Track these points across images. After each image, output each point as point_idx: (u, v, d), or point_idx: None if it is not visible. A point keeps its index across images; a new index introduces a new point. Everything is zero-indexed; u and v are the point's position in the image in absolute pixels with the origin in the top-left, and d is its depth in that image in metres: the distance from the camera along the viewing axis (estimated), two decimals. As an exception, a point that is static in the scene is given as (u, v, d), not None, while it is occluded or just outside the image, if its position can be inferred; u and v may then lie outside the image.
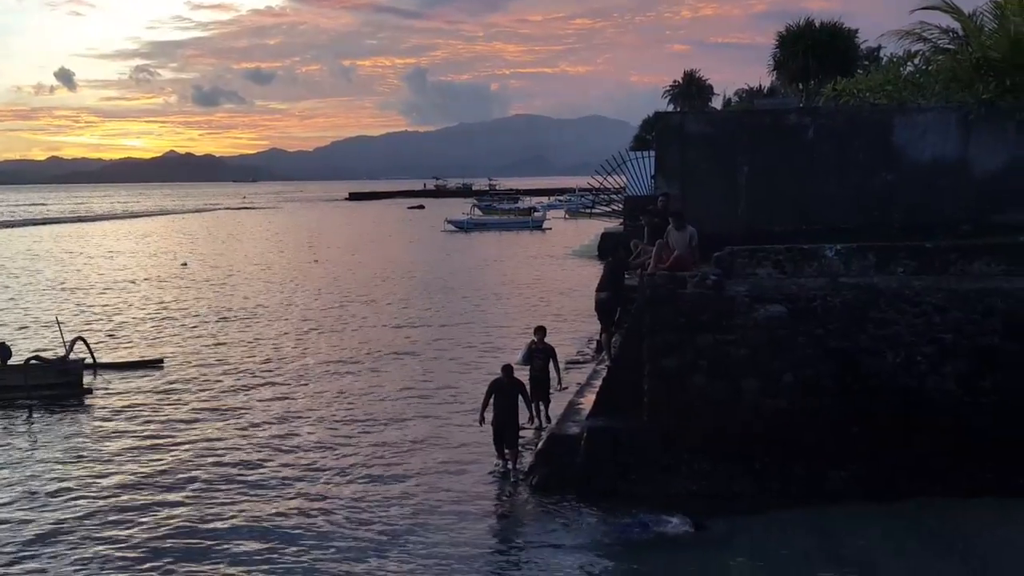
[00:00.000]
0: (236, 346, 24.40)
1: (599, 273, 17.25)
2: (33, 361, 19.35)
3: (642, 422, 11.98)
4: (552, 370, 14.97)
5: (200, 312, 30.94)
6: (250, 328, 27.37)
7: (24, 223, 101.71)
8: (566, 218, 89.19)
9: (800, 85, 39.95)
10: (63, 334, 21.21)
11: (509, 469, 13.28)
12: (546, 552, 10.77)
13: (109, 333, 26.71)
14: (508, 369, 13.58)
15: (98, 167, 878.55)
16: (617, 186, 50.52)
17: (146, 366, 21.83)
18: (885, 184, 15.83)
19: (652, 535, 10.77)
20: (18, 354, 19.88)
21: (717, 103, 69.33)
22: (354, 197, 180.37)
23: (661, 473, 11.70)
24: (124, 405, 18.26)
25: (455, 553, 10.75)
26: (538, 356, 14.77)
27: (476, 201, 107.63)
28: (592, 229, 55.43)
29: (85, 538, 11.53)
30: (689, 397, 11.78)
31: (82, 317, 29.93)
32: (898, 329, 11.58)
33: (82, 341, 20.82)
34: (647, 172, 42.61)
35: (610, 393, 12.79)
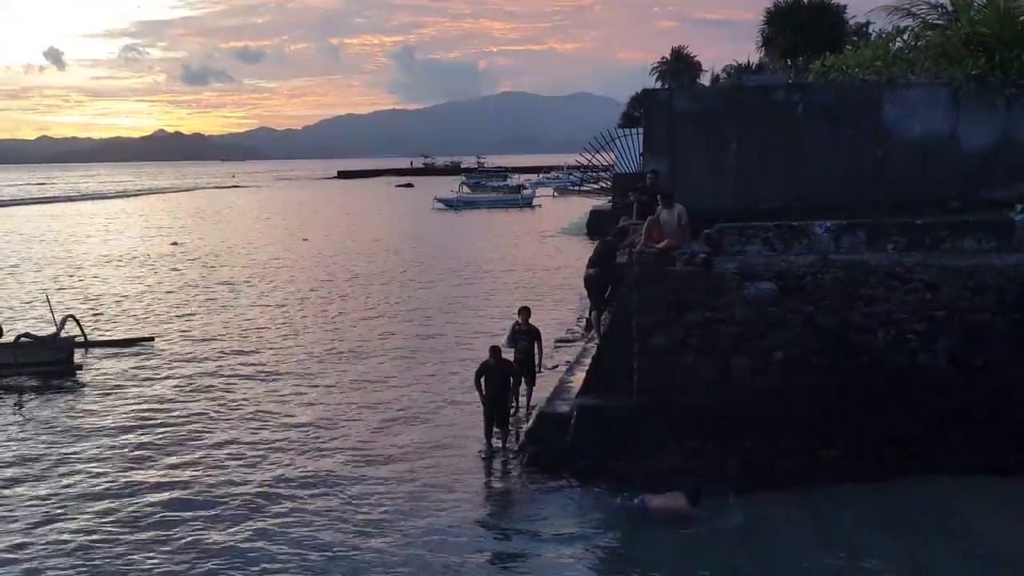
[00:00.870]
0: (226, 323, 24.33)
1: (589, 250, 17.22)
2: (24, 339, 19.26)
3: (632, 400, 12.00)
4: (536, 353, 14.70)
5: (191, 290, 30.85)
6: (240, 305, 27.28)
7: (13, 203, 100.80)
8: (555, 195, 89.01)
9: (789, 61, 39.80)
10: (54, 312, 21.11)
11: (499, 448, 13.29)
12: (536, 530, 10.80)
13: (99, 311, 26.59)
14: (495, 350, 13.51)
15: (88, 146, 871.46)
16: (605, 163, 50.41)
17: (137, 343, 21.78)
18: (874, 160, 15.78)
19: (642, 513, 10.79)
20: (9, 332, 19.78)
21: (705, 80, 69.10)
22: (343, 175, 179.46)
23: (650, 451, 11.72)
24: (115, 382, 18.24)
25: (446, 532, 10.78)
26: (522, 338, 14.53)
27: (465, 179, 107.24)
28: (581, 206, 55.40)
29: (76, 512, 11.53)
30: (678, 375, 11.79)
31: (73, 295, 29.78)
32: (889, 306, 11.61)
33: (73, 319, 20.76)
34: (635, 149, 42.47)
35: (600, 371, 12.80)
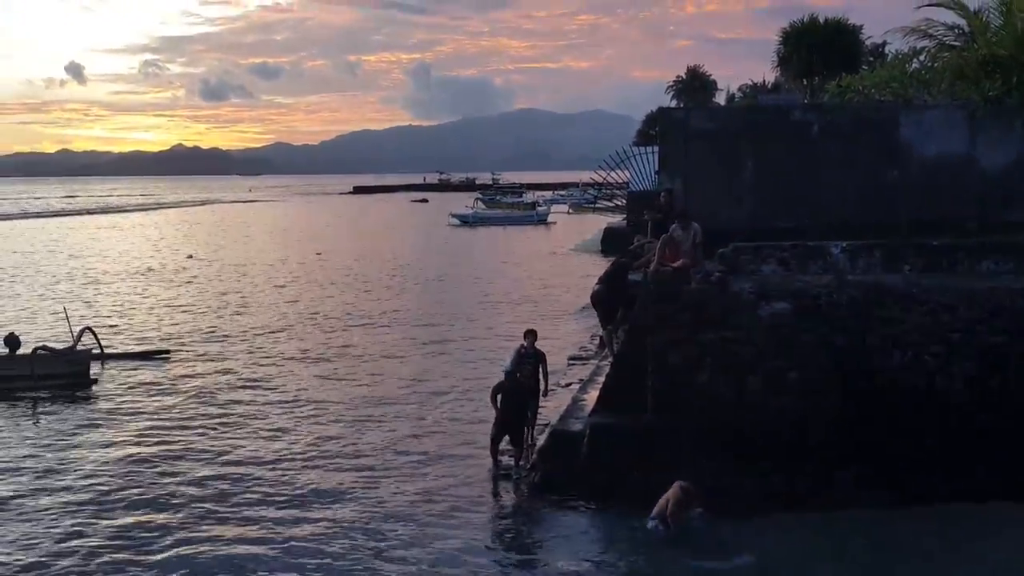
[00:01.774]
0: (241, 337, 24.43)
1: (603, 268, 17.20)
2: (40, 351, 19.39)
3: (646, 419, 11.94)
4: (542, 377, 14.14)
5: (206, 303, 31.02)
6: (255, 319, 27.40)
7: (34, 215, 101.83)
8: (570, 212, 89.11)
9: (804, 81, 39.82)
10: (71, 324, 21.28)
11: (511, 466, 13.22)
12: (548, 551, 10.72)
13: (116, 323, 26.77)
14: (512, 375, 13.36)
15: (107, 160, 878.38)
16: (620, 181, 50.47)
17: (153, 356, 21.87)
18: (891, 181, 15.78)
19: (654, 534, 10.72)
20: (27, 344, 19.95)
21: (721, 99, 69.21)
22: (359, 191, 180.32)
23: (664, 471, 11.65)
24: (131, 395, 18.31)
25: (456, 555, 10.65)
26: (528, 361, 13.94)
27: (480, 195, 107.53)
28: (595, 224, 55.43)
29: (86, 525, 11.56)
30: (693, 395, 11.74)
31: (90, 308, 29.98)
32: (905, 328, 11.51)
33: (90, 331, 20.92)
34: (651, 167, 42.57)
35: (613, 390, 12.76)
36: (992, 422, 11.22)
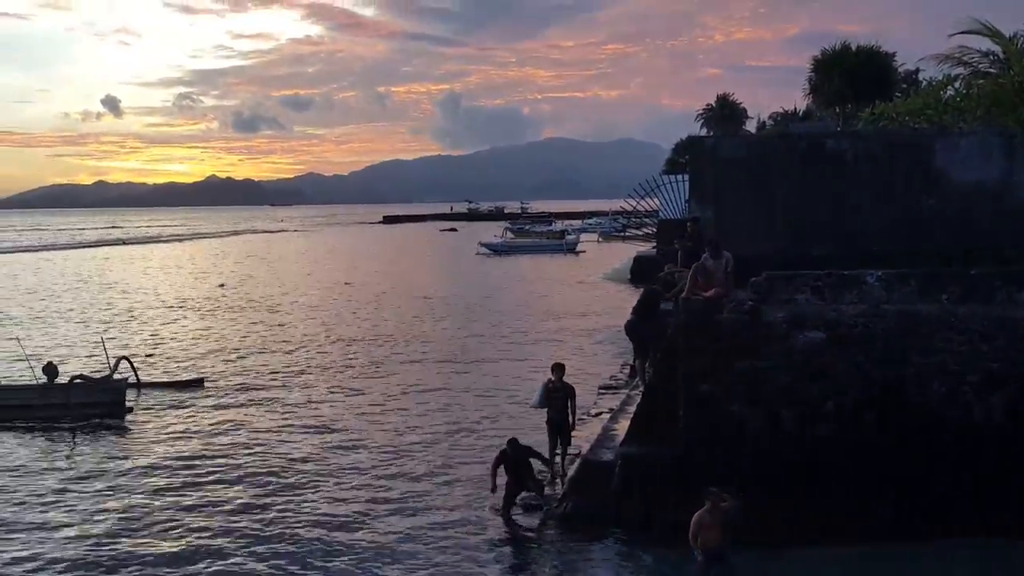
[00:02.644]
0: (271, 366, 24.59)
1: (632, 297, 17.10)
2: (78, 380, 19.64)
3: (678, 450, 11.81)
4: (570, 412, 13.92)
5: (237, 332, 31.31)
6: (284, 348, 27.57)
7: (72, 246, 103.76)
8: (599, 241, 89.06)
9: (837, 109, 39.64)
10: (107, 354, 21.54)
11: (530, 504, 12.83)
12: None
13: (151, 352, 27.09)
14: (513, 442, 12.96)
15: (143, 191, 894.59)
16: (650, 209, 50.36)
17: (188, 386, 22.07)
18: (926, 209, 15.60)
19: (689, 564, 10.56)
20: (65, 374, 20.24)
21: (751, 126, 69.07)
22: (388, 220, 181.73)
23: (697, 503, 11.49)
24: (166, 424, 18.49)
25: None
26: (556, 397, 13.92)
27: (509, 224, 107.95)
28: (625, 252, 55.29)
29: (123, 553, 11.63)
30: (726, 425, 11.59)
31: (126, 337, 30.41)
32: (943, 358, 11.32)
33: (127, 360, 21.19)
34: (681, 196, 42.41)
35: (645, 419, 12.64)
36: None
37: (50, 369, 19.46)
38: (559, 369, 14.15)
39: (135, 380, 21.01)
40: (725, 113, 75.57)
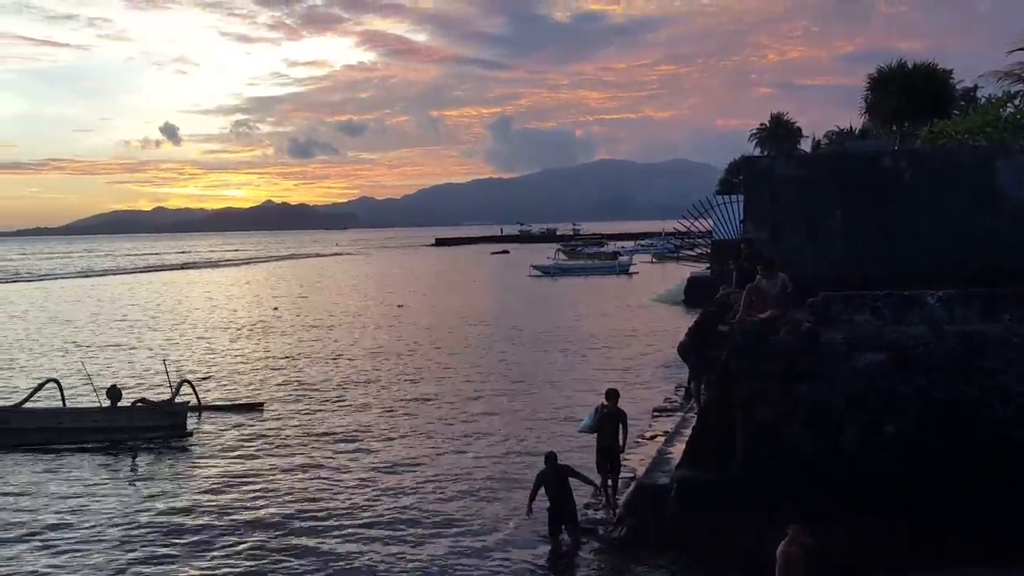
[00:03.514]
0: (328, 390, 24.91)
1: (686, 319, 17.00)
2: (140, 403, 20.16)
3: (735, 473, 11.68)
4: (621, 436, 13.69)
5: (294, 355, 31.77)
6: (340, 372, 27.93)
7: (133, 271, 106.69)
8: (653, 262, 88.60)
9: (894, 127, 39.03)
10: (169, 377, 22.06)
11: (567, 543, 12.60)
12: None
13: (209, 375, 27.65)
14: (551, 457, 12.86)
15: (200, 216, 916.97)
16: (704, 230, 50.01)
17: (248, 409, 22.47)
18: (987, 228, 15.27)
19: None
20: (127, 396, 20.80)
21: (806, 145, 68.32)
22: (440, 243, 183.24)
23: (754, 528, 11.34)
24: (226, 447, 18.83)
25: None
26: (608, 421, 13.60)
27: (561, 246, 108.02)
28: (679, 273, 54.88)
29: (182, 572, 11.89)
30: (783, 448, 11.43)
31: (187, 360, 31.10)
32: (1006, 379, 11.05)
33: (188, 384, 21.69)
34: (735, 216, 42.03)
35: (701, 442, 12.53)
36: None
37: (114, 393, 19.99)
38: (613, 395, 13.96)
39: (197, 403, 21.49)
40: (779, 132, 74.95)
